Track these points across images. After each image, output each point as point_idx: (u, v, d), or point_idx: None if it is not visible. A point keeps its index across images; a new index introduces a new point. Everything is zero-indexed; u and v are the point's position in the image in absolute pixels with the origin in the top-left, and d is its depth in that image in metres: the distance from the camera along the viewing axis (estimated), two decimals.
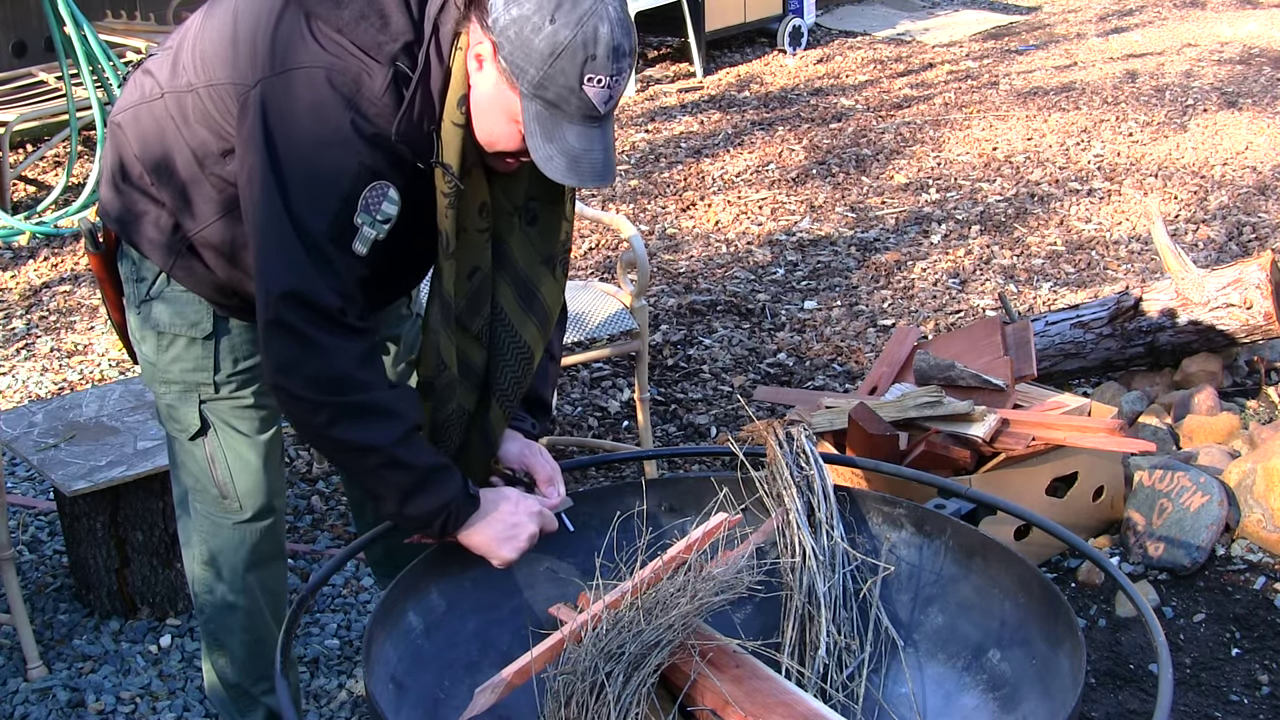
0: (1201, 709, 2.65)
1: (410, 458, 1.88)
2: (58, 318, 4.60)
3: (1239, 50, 7.46)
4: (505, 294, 2.04)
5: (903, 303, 4.61)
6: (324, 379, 1.84)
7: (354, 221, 1.82)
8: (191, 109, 1.96)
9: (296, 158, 1.81)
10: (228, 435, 2.18)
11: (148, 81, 2.05)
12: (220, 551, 2.27)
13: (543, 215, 2.03)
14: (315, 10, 1.83)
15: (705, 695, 1.81)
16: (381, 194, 1.83)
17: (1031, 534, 3.00)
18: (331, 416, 1.85)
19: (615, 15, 1.73)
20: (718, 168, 5.93)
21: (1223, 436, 3.42)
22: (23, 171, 5.80)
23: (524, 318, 2.06)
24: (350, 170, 1.81)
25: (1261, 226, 5.06)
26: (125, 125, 2.06)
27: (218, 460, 2.20)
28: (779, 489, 2.03)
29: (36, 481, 3.60)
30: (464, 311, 1.99)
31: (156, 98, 2.02)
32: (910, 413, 2.99)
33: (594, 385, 4.11)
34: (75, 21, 5.34)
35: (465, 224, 1.92)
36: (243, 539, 2.26)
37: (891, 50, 7.81)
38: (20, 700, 2.79)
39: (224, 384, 2.16)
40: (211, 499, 2.24)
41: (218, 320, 2.12)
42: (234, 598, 2.30)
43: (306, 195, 1.81)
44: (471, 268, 1.96)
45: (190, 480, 2.24)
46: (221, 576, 2.29)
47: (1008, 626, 1.89)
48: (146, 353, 2.17)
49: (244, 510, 2.24)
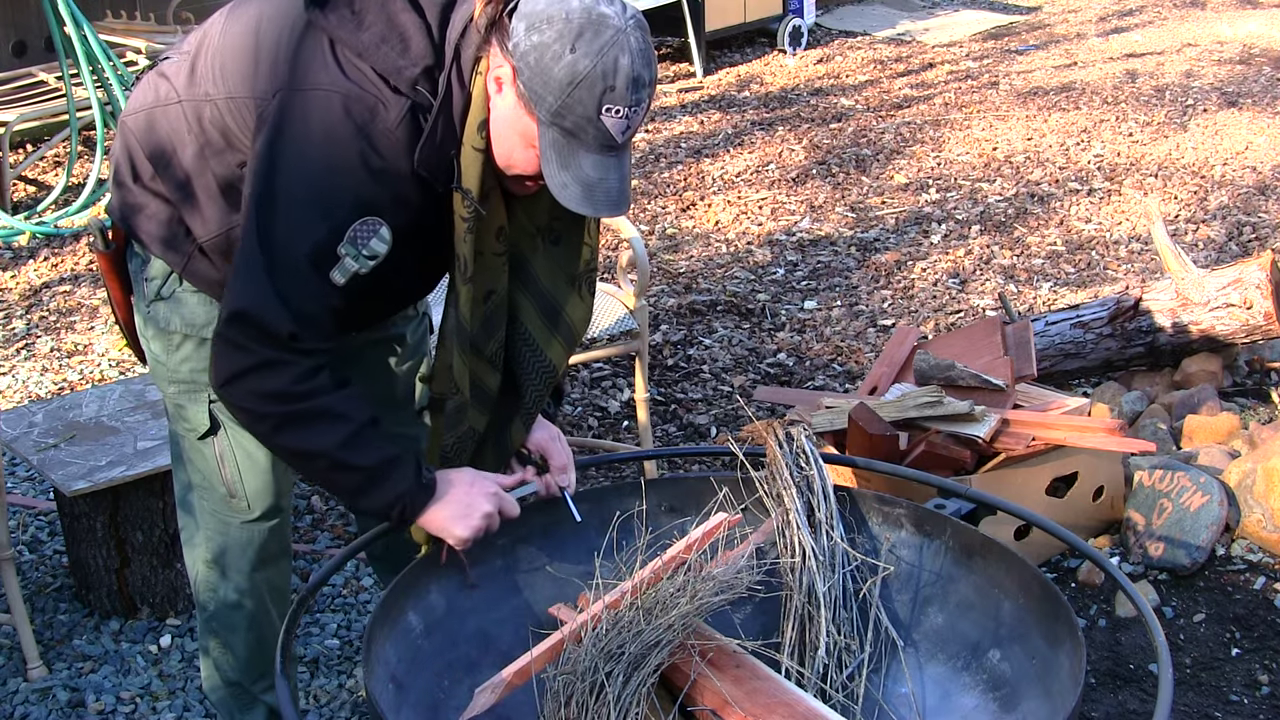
0: (1201, 709, 2.65)
1: (358, 459, 1.89)
2: (58, 318, 4.60)
3: (1239, 50, 7.46)
4: (529, 314, 2.04)
5: (903, 303, 4.61)
6: (265, 393, 1.86)
7: (337, 251, 1.83)
8: (209, 119, 1.96)
9: (298, 177, 1.81)
10: (238, 435, 2.17)
11: (163, 85, 2.04)
12: (227, 550, 2.27)
13: (566, 236, 2.03)
14: (338, 34, 1.83)
15: (705, 695, 1.81)
16: (372, 230, 1.83)
17: (1031, 534, 3.00)
18: (275, 425, 1.88)
19: (637, 46, 1.72)
20: (718, 168, 5.93)
21: (1223, 436, 3.42)
22: (23, 171, 5.80)
23: (549, 337, 2.06)
24: (346, 201, 1.81)
25: (1261, 226, 5.06)
26: (138, 127, 2.06)
27: (227, 460, 2.19)
28: (779, 489, 2.03)
29: (36, 481, 3.60)
30: (478, 335, 1.99)
31: (172, 102, 2.01)
32: (910, 413, 3.00)
33: (594, 385, 4.11)
34: (75, 21, 5.33)
35: (483, 248, 1.92)
36: (250, 538, 2.26)
37: (891, 50, 7.81)
38: (20, 700, 2.79)
39: None
40: (219, 498, 2.23)
41: None
42: (239, 597, 2.30)
43: (297, 216, 1.81)
44: (487, 290, 1.96)
45: (198, 479, 2.24)
46: (227, 575, 2.28)
47: (1007, 626, 1.89)
48: (156, 351, 2.17)
49: (252, 510, 2.23)
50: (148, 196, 2.06)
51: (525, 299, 2.04)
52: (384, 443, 1.92)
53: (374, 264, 1.85)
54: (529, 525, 2.08)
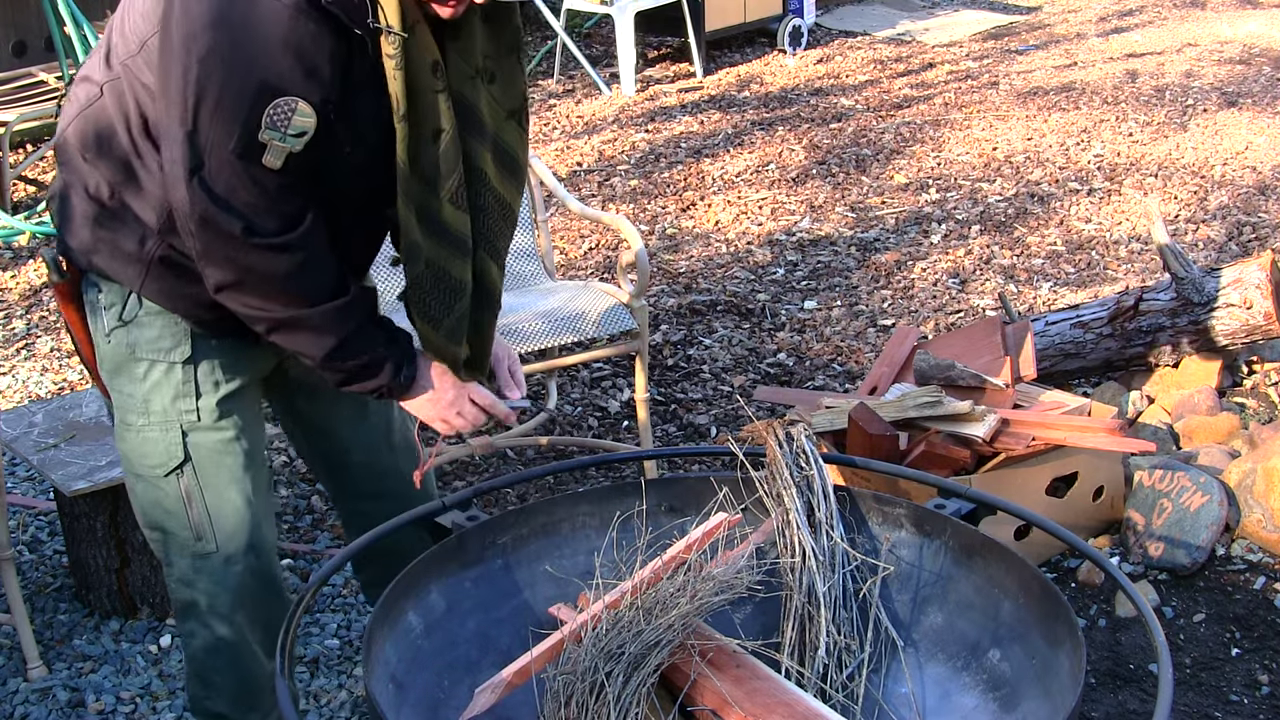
0: (1201, 709, 2.65)
1: (352, 357, 2.00)
2: (58, 318, 4.60)
3: (1239, 50, 7.46)
4: (484, 158, 2.06)
5: (903, 303, 4.61)
6: (256, 297, 1.92)
7: (259, 139, 1.81)
8: (127, 87, 1.93)
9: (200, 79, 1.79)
10: (207, 472, 2.10)
11: (82, 89, 2.01)
12: (201, 594, 2.16)
13: (501, 71, 2.07)
14: None
15: (705, 695, 1.81)
16: (290, 109, 1.81)
17: (1031, 534, 3.00)
18: (269, 328, 1.96)
19: None
20: (718, 168, 5.93)
21: (1223, 436, 3.42)
22: (23, 171, 5.80)
23: (500, 176, 2.10)
24: (249, 91, 1.79)
25: (1261, 226, 5.06)
26: (71, 140, 2.02)
27: (194, 499, 2.10)
28: (779, 489, 2.03)
29: (36, 481, 3.60)
30: (430, 171, 1.96)
31: (95, 98, 1.98)
32: (910, 413, 3.00)
33: (594, 385, 4.10)
34: (75, 21, 5.34)
35: (418, 85, 1.90)
36: (224, 581, 2.15)
37: (891, 50, 7.81)
38: (20, 700, 2.79)
39: (206, 413, 2.09)
40: (183, 542, 2.13)
41: (196, 340, 2.07)
42: (218, 641, 2.19)
43: (206, 122, 1.80)
44: (434, 130, 1.94)
45: (164, 519, 2.14)
46: (205, 621, 2.18)
47: (1007, 626, 1.89)
48: (122, 385, 2.09)
49: (220, 551, 2.13)
50: (94, 213, 2.01)
51: (478, 144, 2.04)
52: (367, 345, 2.01)
53: (308, 138, 1.83)
54: (529, 525, 2.08)
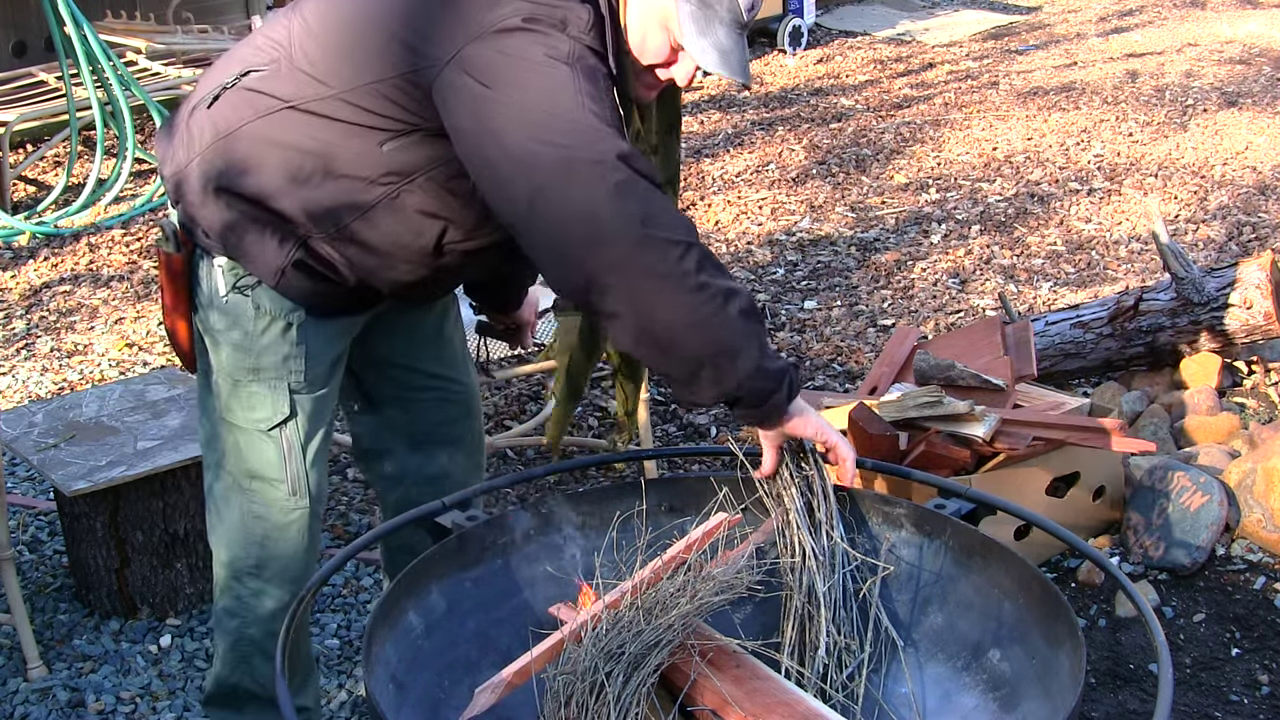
0: (1201, 709, 2.65)
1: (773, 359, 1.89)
2: (58, 318, 4.60)
3: (1239, 50, 7.46)
4: None
5: (903, 303, 4.61)
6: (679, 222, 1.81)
7: None
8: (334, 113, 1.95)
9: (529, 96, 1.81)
10: (307, 425, 2.18)
11: (260, 100, 2.01)
12: (283, 551, 2.24)
13: (663, 146, 2.36)
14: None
15: (705, 695, 1.81)
16: None
17: (1031, 534, 3.00)
18: (699, 259, 1.78)
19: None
20: (718, 168, 5.93)
21: (1223, 436, 3.42)
22: (23, 171, 5.80)
23: None
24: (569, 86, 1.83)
25: (1261, 226, 5.06)
26: (241, 141, 2.02)
27: (293, 451, 2.18)
28: (779, 489, 2.03)
29: (36, 481, 3.60)
30: None
31: (276, 110, 1.99)
32: (910, 413, 3.00)
33: (594, 385, 4.10)
34: (75, 21, 5.33)
35: None
36: (304, 532, 2.25)
37: (891, 50, 7.81)
38: (20, 700, 2.79)
39: (313, 374, 2.16)
40: (279, 495, 2.21)
41: (308, 315, 2.12)
42: (282, 606, 2.26)
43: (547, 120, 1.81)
44: None
45: (264, 469, 2.20)
46: (276, 581, 2.26)
47: (1007, 626, 1.89)
48: (236, 340, 2.12)
49: (311, 507, 2.24)
50: (246, 209, 2.03)
51: None
52: None
53: None
54: (529, 525, 2.08)
